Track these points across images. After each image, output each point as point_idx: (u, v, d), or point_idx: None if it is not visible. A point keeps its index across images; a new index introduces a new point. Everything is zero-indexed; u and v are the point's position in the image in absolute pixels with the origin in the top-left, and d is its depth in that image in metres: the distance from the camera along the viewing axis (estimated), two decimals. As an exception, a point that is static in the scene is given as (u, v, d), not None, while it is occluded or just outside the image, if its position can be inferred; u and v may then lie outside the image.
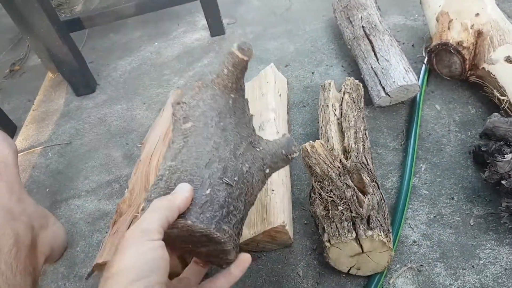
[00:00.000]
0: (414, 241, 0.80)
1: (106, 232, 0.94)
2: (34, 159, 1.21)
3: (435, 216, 0.83)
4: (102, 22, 1.51)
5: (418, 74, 1.09)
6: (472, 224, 0.80)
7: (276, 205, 0.80)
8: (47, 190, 1.10)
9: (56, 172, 1.15)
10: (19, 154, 1.23)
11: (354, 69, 1.19)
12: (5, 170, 0.81)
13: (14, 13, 1.27)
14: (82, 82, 1.38)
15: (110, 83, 1.43)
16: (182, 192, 0.44)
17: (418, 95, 1.03)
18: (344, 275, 0.77)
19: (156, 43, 1.56)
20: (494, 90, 0.93)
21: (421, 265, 0.76)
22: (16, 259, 0.70)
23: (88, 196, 1.05)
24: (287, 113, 1.09)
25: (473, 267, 0.74)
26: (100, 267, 0.77)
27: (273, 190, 0.84)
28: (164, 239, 0.39)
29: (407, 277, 0.75)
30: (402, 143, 0.97)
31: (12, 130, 1.32)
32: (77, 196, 1.06)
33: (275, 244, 0.83)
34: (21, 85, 1.55)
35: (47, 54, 1.36)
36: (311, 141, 0.78)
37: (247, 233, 0.80)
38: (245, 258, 0.49)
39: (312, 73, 1.24)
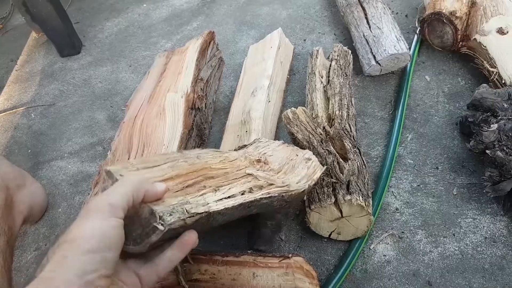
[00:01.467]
0: (397, 209, 0.80)
1: (88, 193, 0.93)
2: (17, 119, 1.18)
3: (418, 185, 0.83)
4: (88, -20, 1.45)
5: (410, 45, 1.07)
6: (455, 193, 0.81)
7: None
8: (29, 151, 1.08)
9: (39, 133, 1.13)
10: (1, 115, 1.20)
11: (347, 37, 1.17)
12: None
13: (-6, -33, 1.21)
14: (67, 43, 1.34)
15: (96, 45, 1.38)
16: (159, 185, 0.43)
17: (409, 65, 1.02)
18: (325, 240, 0.77)
19: (145, 5, 1.51)
20: (484, 62, 0.92)
21: (403, 232, 0.77)
22: None
23: (70, 158, 1.04)
24: (286, 82, 1.07)
25: (454, 235, 0.75)
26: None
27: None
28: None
29: (388, 243, 0.76)
30: (390, 113, 0.97)
31: (-7, 90, 1.28)
32: (60, 157, 1.05)
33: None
34: (4, 44, 1.50)
35: (31, 13, 1.30)
36: (293, 108, 0.77)
37: None
38: (188, 241, 0.44)
39: (304, 40, 1.22)
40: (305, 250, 0.77)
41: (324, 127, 0.78)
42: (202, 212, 0.44)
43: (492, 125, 0.75)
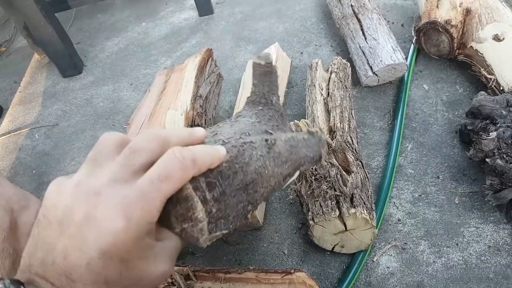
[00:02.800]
0: (399, 220, 0.80)
1: (92, 212, 0.94)
2: (21, 141, 1.20)
3: (420, 195, 0.83)
4: (89, 1, 1.48)
5: (407, 54, 1.08)
6: (457, 202, 0.80)
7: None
8: (34, 171, 1.09)
9: (43, 153, 1.14)
10: (5, 136, 1.22)
11: (343, 49, 1.18)
12: None
13: (-3, -8, 1.24)
14: (69, 64, 1.36)
15: (97, 64, 1.40)
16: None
17: (406, 74, 1.02)
18: (328, 253, 0.77)
19: (144, 23, 1.53)
20: (482, 69, 0.93)
21: (405, 243, 0.77)
22: None
23: (74, 178, 1.05)
24: (284, 95, 1.08)
25: (457, 245, 0.75)
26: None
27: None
28: None
29: (391, 254, 0.76)
30: (389, 123, 0.97)
31: (-3, 112, 1.30)
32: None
33: (244, 225, 0.83)
34: (7, 67, 1.53)
35: (33, 35, 1.33)
36: (295, 120, 0.77)
37: None
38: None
39: (301, 53, 1.23)
40: (308, 264, 0.77)
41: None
42: None
43: (491, 133, 0.75)
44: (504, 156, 0.72)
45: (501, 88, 0.86)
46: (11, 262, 0.70)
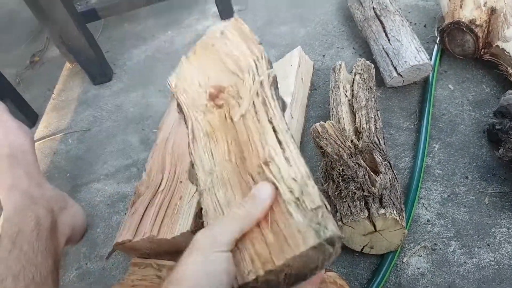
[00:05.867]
0: (428, 220, 0.80)
1: (125, 213, 0.97)
2: (55, 145, 1.25)
3: (449, 195, 0.83)
4: (117, 12, 1.53)
5: (430, 54, 1.08)
6: (487, 202, 0.80)
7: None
8: (68, 175, 1.14)
9: (76, 157, 1.19)
10: (41, 141, 1.27)
11: (366, 51, 1.19)
12: (23, 157, 0.85)
13: (34, 6, 1.30)
14: (99, 71, 1.41)
15: (125, 72, 1.45)
16: (263, 200, 0.38)
17: (431, 75, 1.02)
18: (357, 254, 0.78)
19: (169, 32, 1.57)
20: (509, 68, 0.92)
21: (435, 243, 0.77)
22: (38, 240, 0.74)
23: (107, 180, 1.09)
24: (307, 97, 1.10)
25: (488, 245, 0.74)
26: (120, 247, 0.80)
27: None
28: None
29: (421, 255, 0.76)
30: (415, 123, 0.97)
31: (33, 118, 1.36)
32: (97, 180, 1.10)
33: None
34: (41, 76, 1.59)
35: (65, 45, 1.39)
36: (321, 122, 0.79)
37: None
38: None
39: (323, 55, 1.24)
40: (337, 265, 0.78)
41: (352, 140, 0.80)
42: None
43: (520, 132, 0.75)
44: (535, 155, 0.71)
45: (530, 87, 0.85)
46: (52, 260, 0.74)
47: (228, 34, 0.52)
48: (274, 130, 0.42)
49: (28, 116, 1.34)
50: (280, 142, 0.41)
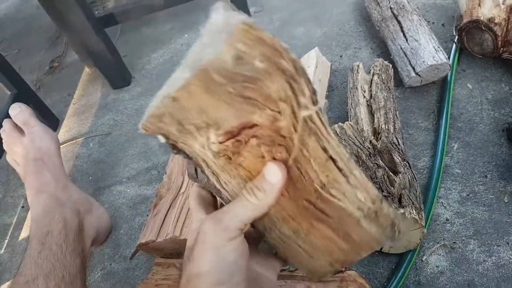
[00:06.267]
0: (447, 219, 0.80)
1: (147, 215, 1.00)
2: (77, 149, 1.28)
3: (468, 194, 0.83)
4: (134, 16, 1.56)
5: (449, 54, 1.07)
6: (507, 201, 0.80)
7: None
8: (90, 178, 1.17)
9: (98, 161, 1.22)
10: (63, 145, 1.31)
11: (383, 51, 1.19)
12: (49, 160, 0.88)
13: (52, 12, 1.34)
14: (118, 76, 1.44)
15: (144, 76, 1.48)
16: (274, 185, 0.35)
17: (449, 74, 1.02)
18: (376, 253, 0.79)
19: (186, 35, 1.60)
20: (529, 66, 0.91)
21: (454, 242, 0.77)
22: (66, 241, 0.77)
23: (129, 183, 1.12)
24: (326, 98, 1.10)
25: (508, 243, 0.74)
26: (143, 247, 0.82)
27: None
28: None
29: (440, 254, 0.76)
30: (434, 123, 0.97)
31: (55, 123, 1.40)
32: (119, 182, 1.13)
33: None
34: (61, 81, 1.63)
35: (84, 50, 1.42)
36: (340, 123, 0.80)
37: None
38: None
39: (340, 56, 1.25)
40: (357, 264, 0.79)
41: (370, 141, 0.81)
42: None
43: (541, 131, 0.75)
44: (557, 153, 0.71)
45: (551, 85, 0.85)
46: (80, 261, 0.77)
47: (245, 57, 0.28)
48: (332, 159, 0.35)
49: (50, 121, 1.37)
50: (340, 169, 0.35)
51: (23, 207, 1.17)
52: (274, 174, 0.34)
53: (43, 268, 0.70)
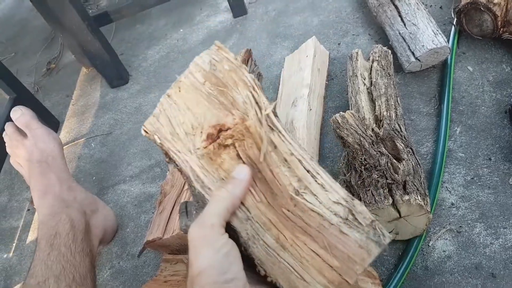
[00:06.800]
0: (452, 204, 0.80)
1: (153, 212, 1.00)
2: (79, 150, 1.28)
3: (472, 178, 0.82)
4: (129, 14, 1.55)
5: (448, 37, 1.06)
6: (512, 183, 0.80)
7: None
8: (94, 178, 1.17)
9: (100, 161, 1.22)
10: (64, 147, 1.31)
11: (382, 37, 1.18)
12: (53, 162, 0.88)
13: (46, 13, 1.33)
14: (115, 74, 1.44)
15: (141, 73, 1.47)
16: (242, 180, 0.41)
17: (449, 57, 1.01)
18: (383, 240, 0.79)
19: (181, 30, 1.59)
20: (530, 46, 0.90)
21: (460, 226, 0.77)
22: (74, 242, 0.77)
23: (132, 181, 1.12)
24: (324, 88, 1.10)
25: (514, 225, 0.74)
26: (151, 244, 0.82)
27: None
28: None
29: (447, 238, 0.76)
30: (435, 107, 0.97)
31: (55, 125, 1.40)
32: (122, 181, 1.13)
33: None
34: (59, 82, 1.63)
35: (80, 50, 1.41)
36: (341, 112, 0.79)
37: None
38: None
39: (338, 44, 1.24)
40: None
41: (373, 129, 0.80)
42: None
43: (544, 111, 0.74)
44: (561, 133, 0.71)
45: (552, 64, 0.84)
46: (89, 260, 0.77)
47: (217, 65, 0.44)
48: (299, 161, 0.41)
49: (50, 123, 1.37)
50: (308, 171, 0.41)
51: (28, 210, 1.17)
52: (241, 171, 0.41)
53: (53, 270, 0.71)
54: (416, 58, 0.97)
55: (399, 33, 1.03)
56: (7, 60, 1.87)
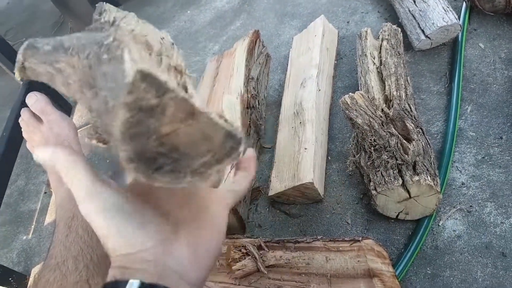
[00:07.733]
0: (463, 183, 0.80)
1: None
2: (91, 134, 1.30)
3: (483, 157, 0.82)
4: (135, -4, 1.54)
5: (459, 13, 1.04)
6: (523, 161, 0.79)
7: (307, 162, 0.84)
8: (108, 161, 1.20)
9: (113, 145, 1.24)
10: (77, 131, 1.33)
11: (391, 14, 1.15)
12: (68, 146, 0.90)
13: (54, -2, 1.33)
14: (124, 58, 1.44)
15: (150, 56, 1.48)
16: (252, 173, 0.41)
17: (460, 34, 0.99)
18: (392, 220, 0.79)
19: (189, 11, 1.57)
20: (545, 20, 0.88)
21: (471, 206, 0.77)
22: None
23: (144, 164, 1.13)
24: (333, 67, 1.09)
25: (525, 204, 0.74)
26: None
27: (306, 148, 0.86)
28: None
29: (457, 218, 0.77)
30: (446, 86, 0.95)
31: (68, 109, 1.42)
32: (135, 165, 1.15)
33: (306, 198, 0.87)
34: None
35: (88, 34, 1.42)
36: (350, 93, 0.79)
37: (278, 186, 0.85)
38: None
39: (347, 22, 1.22)
40: (372, 232, 0.80)
41: (382, 109, 0.80)
42: None
43: (558, 88, 0.73)
44: None
45: None
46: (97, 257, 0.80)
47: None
48: None
49: (63, 107, 1.39)
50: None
51: (45, 193, 1.21)
52: (252, 165, 0.40)
53: (72, 251, 0.73)
54: (426, 36, 0.96)
55: (409, 11, 1.01)
56: (18, 45, 1.88)
